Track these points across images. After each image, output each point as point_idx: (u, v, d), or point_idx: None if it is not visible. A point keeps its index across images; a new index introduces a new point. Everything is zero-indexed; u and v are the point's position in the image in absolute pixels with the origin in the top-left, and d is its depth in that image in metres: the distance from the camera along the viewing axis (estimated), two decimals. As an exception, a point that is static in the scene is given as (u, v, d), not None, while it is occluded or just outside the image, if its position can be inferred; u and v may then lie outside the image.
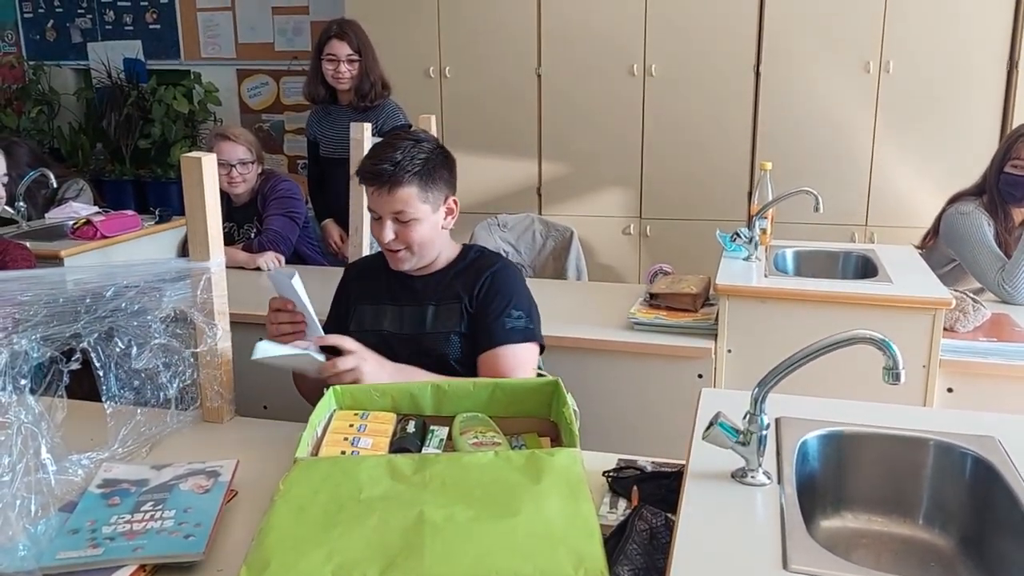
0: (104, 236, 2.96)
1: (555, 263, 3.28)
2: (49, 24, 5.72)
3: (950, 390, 2.10)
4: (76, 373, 1.41)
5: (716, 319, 2.21)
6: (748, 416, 1.11)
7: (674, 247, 4.03)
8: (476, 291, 1.79)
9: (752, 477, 1.10)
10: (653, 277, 2.56)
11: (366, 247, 2.42)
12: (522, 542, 1.05)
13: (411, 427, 1.42)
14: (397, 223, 1.73)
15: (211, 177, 1.59)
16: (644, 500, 1.29)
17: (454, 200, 1.81)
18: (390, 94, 3.28)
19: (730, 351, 2.19)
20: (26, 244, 2.49)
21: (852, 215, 3.86)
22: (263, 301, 1.77)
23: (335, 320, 1.91)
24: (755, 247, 2.45)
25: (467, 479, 1.17)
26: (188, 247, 1.65)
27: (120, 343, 1.49)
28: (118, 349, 1.49)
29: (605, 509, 1.32)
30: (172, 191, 5.26)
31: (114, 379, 1.50)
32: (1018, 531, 1.05)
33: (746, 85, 3.88)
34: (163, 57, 5.51)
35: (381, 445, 1.37)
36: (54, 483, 1.32)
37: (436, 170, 1.74)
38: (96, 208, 3.34)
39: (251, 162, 3.09)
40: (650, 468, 1.43)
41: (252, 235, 3.12)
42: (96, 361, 1.47)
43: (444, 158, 1.78)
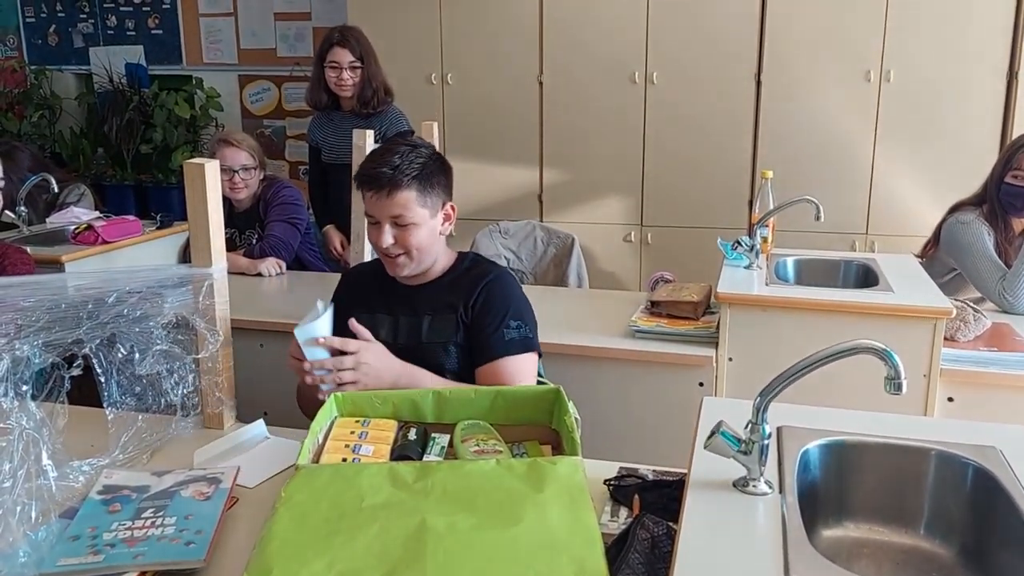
0: (106, 241, 2.96)
1: (556, 270, 3.28)
2: (51, 29, 5.73)
3: (951, 399, 2.10)
4: (77, 379, 1.41)
5: (717, 327, 2.21)
6: (750, 425, 1.11)
7: (675, 255, 4.03)
8: (471, 301, 1.78)
9: (754, 486, 1.10)
10: (654, 285, 2.56)
11: (367, 253, 2.42)
12: (524, 551, 1.05)
13: (412, 434, 1.42)
14: (396, 227, 1.72)
15: (213, 183, 1.59)
16: (646, 509, 1.29)
17: (451, 206, 1.81)
18: (393, 100, 3.29)
19: (731, 359, 2.19)
20: (26, 249, 2.49)
21: (853, 224, 3.86)
22: (265, 307, 1.78)
23: (333, 325, 1.90)
24: (756, 255, 2.45)
25: (469, 487, 1.17)
26: (190, 253, 1.65)
27: (122, 349, 1.49)
28: (120, 355, 1.49)
29: (606, 518, 1.32)
30: (173, 196, 5.26)
31: (115, 385, 1.51)
32: (1019, 541, 1.05)
33: (747, 93, 3.89)
34: (165, 62, 5.52)
35: (382, 452, 1.36)
36: (55, 489, 1.32)
37: (434, 175, 1.74)
38: (97, 213, 3.34)
39: (253, 168, 3.09)
40: (652, 477, 1.43)
41: (254, 241, 3.13)
42: (98, 367, 1.47)
43: (441, 164, 1.79)
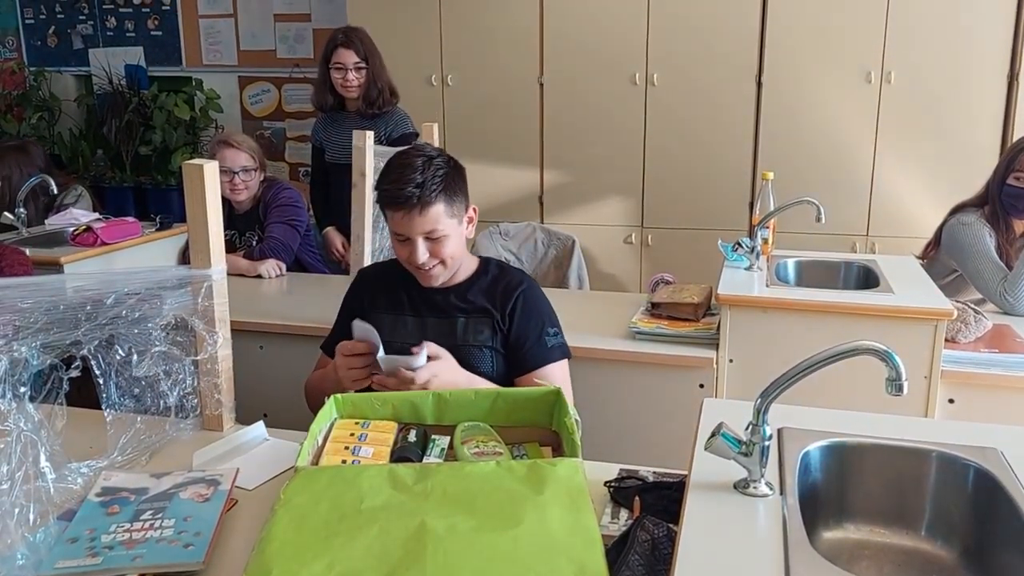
0: (104, 243, 2.95)
1: (556, 272, 3.28)
2: (50, 30, 5.72)
3: (951, 401, 2.10)
4: (76, 380, 1.40)
5: (718, 329, 2.21)
6: (750, 427, 1.10)
7: (676, 256, 4.03)
8: (508, 310, 1.80)
9: (754, 488, 1.10)
10: (655, 286, 2.55)
11: (367, 255, 2.42)
12: (524, 552, 1.04)
13: (412, 436, 1.42)
14: (428, 241, 1.73)
15: (213, 185, 1.58)
16: (646, 510, 1.29)
17: (474, 208, 1.84)
18: (398, 101, 3.29)
19: (732, 361, 2.19)
20: (24, 250, 2.49)
21: (853, 225, 3.86)
22: (264, 309, 1.77)
23: (345, 325, 1.89)
24: (757, 257, 2.45)
25: (469, 489, 1.17)
26: (189, 254, 1.64)
27: (120, 351, 1.48)
28: (118, 357, 1.48)
29: (607, 519, 1.32)
30: (173, 198, 5.26)
31: (114, 387, 1.50)
32: (1020, 542, 1.05)
33: (748, 95, 3.88)
34: (165, 64, 5.51)
35: (382, 454, 1.36)
36: (53, 491, 1.32)
37: (456, 183, 1.76)
38: (97, 214, 3.33)
39: (254, 169, 3.09)
40: (652, 478, 1.43)
41: (254, 242, 3.12)
42: (96, 369, 1.47)
43: (458, 170, 1.79)
